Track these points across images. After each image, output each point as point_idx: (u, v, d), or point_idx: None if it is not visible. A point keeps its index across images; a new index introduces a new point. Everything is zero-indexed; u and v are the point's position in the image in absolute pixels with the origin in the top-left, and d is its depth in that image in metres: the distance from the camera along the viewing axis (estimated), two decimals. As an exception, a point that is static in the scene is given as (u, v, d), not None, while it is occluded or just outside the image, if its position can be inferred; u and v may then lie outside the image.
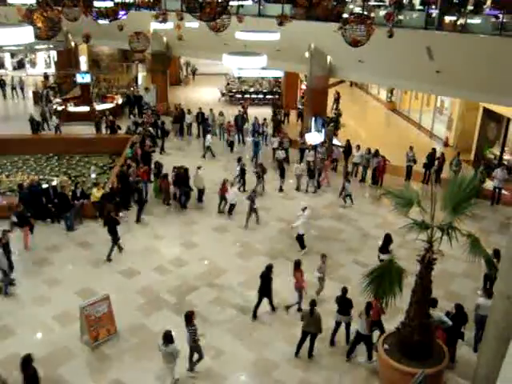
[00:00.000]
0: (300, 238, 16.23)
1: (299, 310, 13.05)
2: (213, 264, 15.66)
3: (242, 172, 20.72)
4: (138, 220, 18.07)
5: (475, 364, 10.47)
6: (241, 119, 26.96)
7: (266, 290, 13.01)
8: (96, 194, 17.80)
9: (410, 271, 10.71)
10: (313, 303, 11.51)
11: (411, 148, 22.19)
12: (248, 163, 22.36)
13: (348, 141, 23.24)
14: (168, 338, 10.35)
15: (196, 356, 11.06)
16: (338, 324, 12.21)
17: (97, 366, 11.41)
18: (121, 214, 18.24)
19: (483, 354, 10.00)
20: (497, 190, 19.91)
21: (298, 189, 21.21)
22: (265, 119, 26.47)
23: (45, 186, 18.89)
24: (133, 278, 14.74)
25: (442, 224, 10.09)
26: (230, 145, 25.65)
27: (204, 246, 16.66)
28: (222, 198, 18.74)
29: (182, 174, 19.17)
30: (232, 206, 18.55)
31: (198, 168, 19.65)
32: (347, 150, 23.09)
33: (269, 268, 13.08)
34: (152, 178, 20.41)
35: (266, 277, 12.97)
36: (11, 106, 34.32)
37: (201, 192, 19.53)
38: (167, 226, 17.88)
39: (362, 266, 14.22)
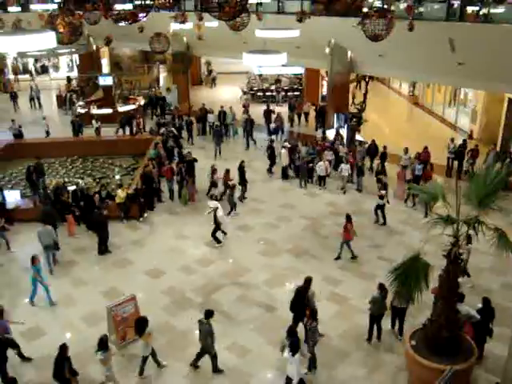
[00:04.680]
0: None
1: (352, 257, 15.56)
2: (237, 263, 15.69)
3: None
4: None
5: (504, 360, 10.32)
6: (250, 124, 26.11)
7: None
8: (121, 194, 17.97)
9: (437, 266, 10.59)
10: (382, 287, 11.73)
11: (452, 140, 21.90)
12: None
13: (373, 140, 22.39)
14: (291, 332, 10.47)
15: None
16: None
17: (124, 365, 11.51)
18: (145, 214, 18.46)
19: (513, 350, 9.85)
20: None
21: (344, 191, 20.63)
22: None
23: (70, 188, 19.11)
24: (158, 278, 14.85)
25: (467, 218, 9.94)
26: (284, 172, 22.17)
27: (228, 244, 16.70)
28: (226, 185, 19.40)
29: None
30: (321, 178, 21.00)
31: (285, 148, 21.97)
32: (373, 149, 22.24)
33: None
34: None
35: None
36: (33, 112, 34.53)
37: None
38: (191, 225, 17.97)
39: (387, 262, 14.10)
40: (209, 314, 11.06)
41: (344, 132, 24.64)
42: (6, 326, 11.60)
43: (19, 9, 33.06)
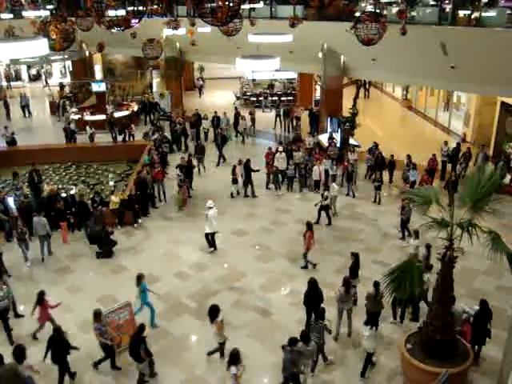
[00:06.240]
0: (207, 237, 16.42)
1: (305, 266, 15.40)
2: (233, 267, 15.68)
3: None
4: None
5: (499, 362, 10.34)
6: (221, 139, 24.99)
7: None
8: (114, 200, 17.94)
9: (432, 270, 10.62)
10: (376, 284, 11.82)
11: (446, 143, 21.94)
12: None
13: (380, 152, 21.44)
14: (307, 337, 10.39)
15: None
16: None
17: (121, 371, 11.46)
18: (140, 220, 18.41)
19: (508, 353, 9.87)
20: None
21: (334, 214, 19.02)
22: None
23: (64, 195, 19.06)
24: (153, 284, 14.75)
25: (461, 221, 9.97)
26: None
27: (223, 249, 16.69)
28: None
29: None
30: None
31: (280, 152, 21.69)
32: (380, 160, 21.27)
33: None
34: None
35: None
36: (25, 119, 34.40)
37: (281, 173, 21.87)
38: (186, 230, 17.94)
39: (381, 266, 14.12)
40: (291, 342, 10.21)
41: (338, 136, 24.68)
42: (101, 329, 11.33)
43: (11, 15, 32.91)
